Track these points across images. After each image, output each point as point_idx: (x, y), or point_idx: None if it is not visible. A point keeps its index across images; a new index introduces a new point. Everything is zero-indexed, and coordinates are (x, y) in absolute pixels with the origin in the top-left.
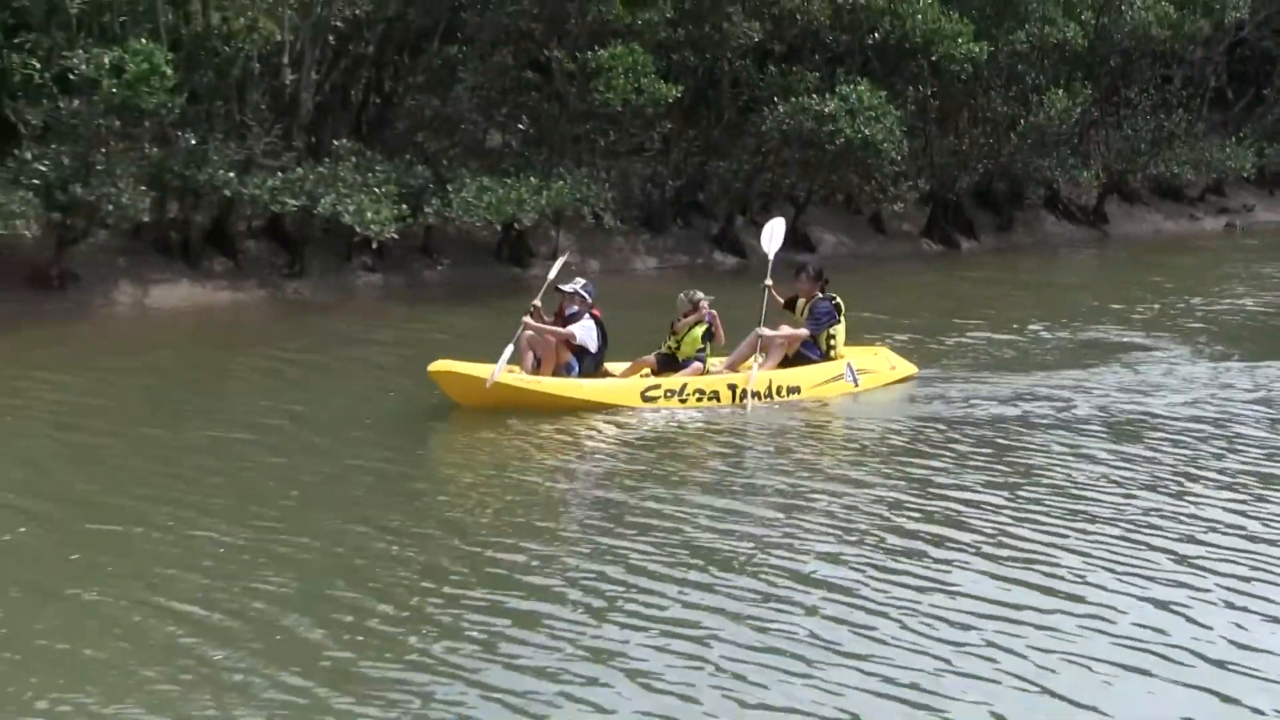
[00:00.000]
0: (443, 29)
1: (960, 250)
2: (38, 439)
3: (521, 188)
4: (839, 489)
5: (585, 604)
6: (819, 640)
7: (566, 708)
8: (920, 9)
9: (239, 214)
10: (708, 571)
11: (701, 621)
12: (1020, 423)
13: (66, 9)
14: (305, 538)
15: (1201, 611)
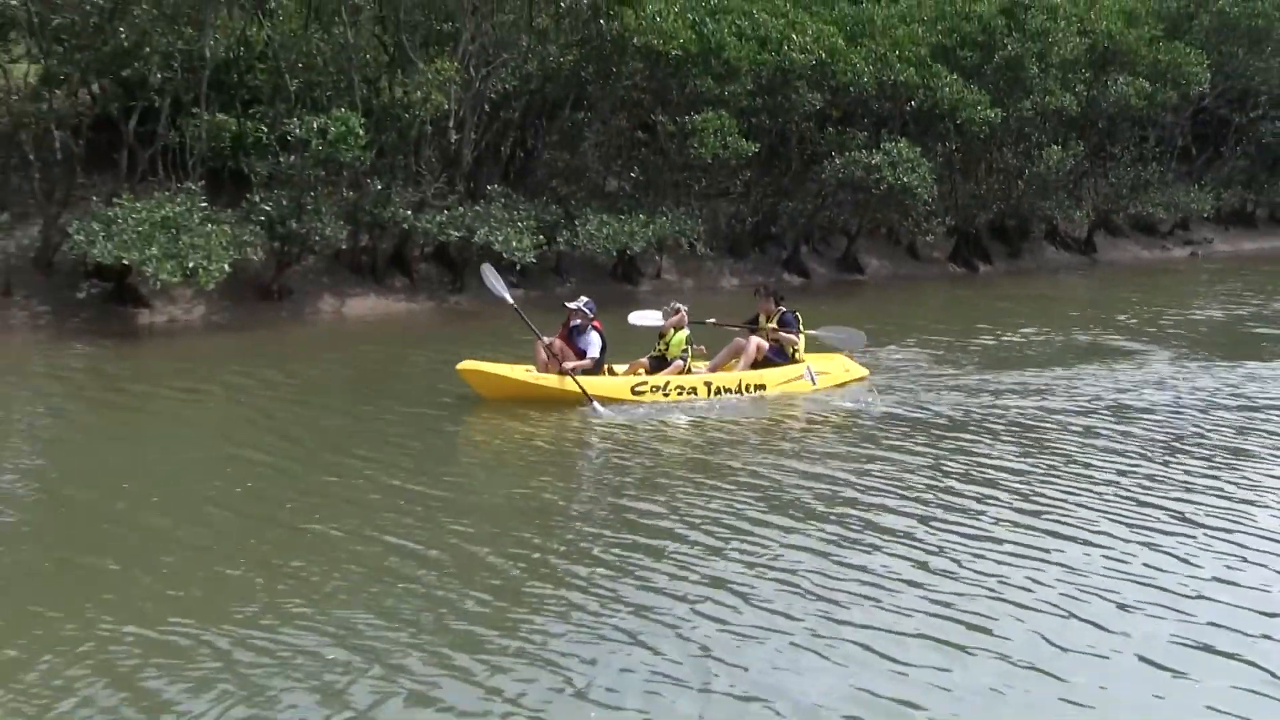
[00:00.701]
0: (572, 99)
1: (979, 272)
2: (278, 410)
3: (632, 223)
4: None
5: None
6: (887, 573)
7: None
8: (947, 83)
9: (414, 242)
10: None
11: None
12: (1039, 410)
13: (287, 88)
14: (488, 491)
15: (1191, 553)
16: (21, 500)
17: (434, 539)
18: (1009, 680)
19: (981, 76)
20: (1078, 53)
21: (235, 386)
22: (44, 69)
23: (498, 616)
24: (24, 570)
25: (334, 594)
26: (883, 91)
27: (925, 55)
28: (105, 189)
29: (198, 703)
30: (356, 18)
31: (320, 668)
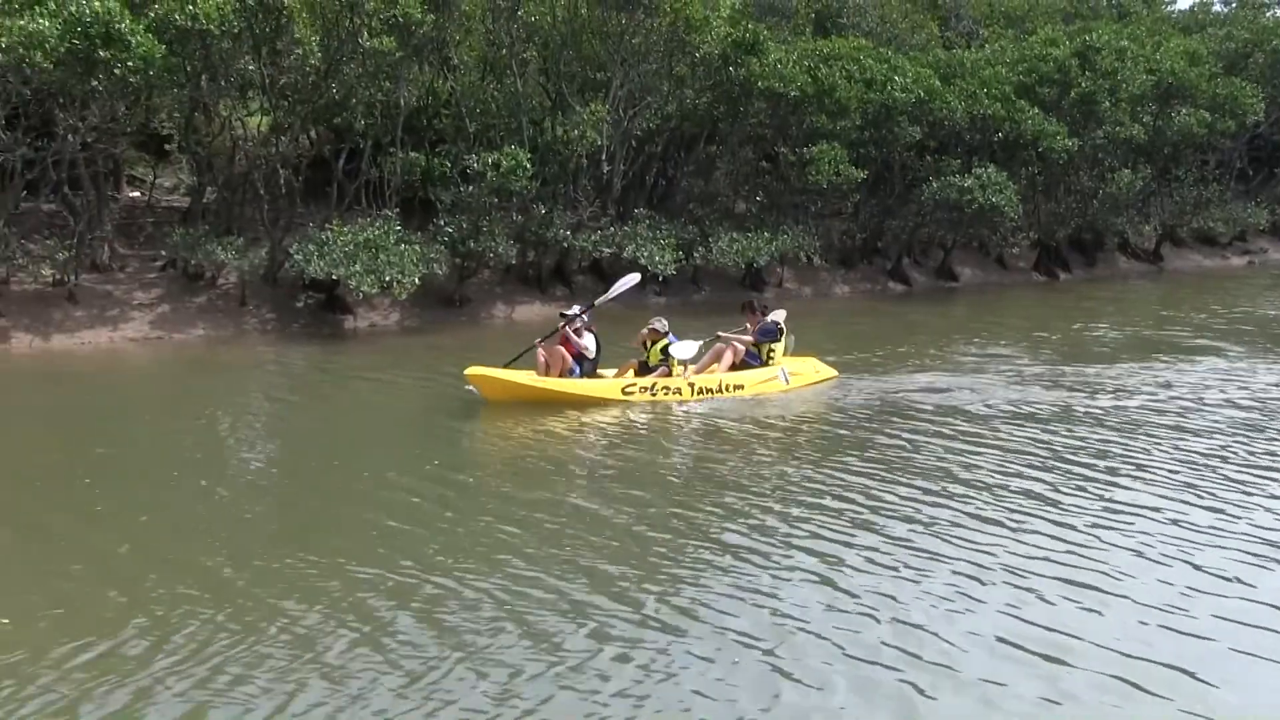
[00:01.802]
0: (706, 134)
1: (1059, 280)
2: (458, 393)
3: (758, 239)
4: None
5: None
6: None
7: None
8: (1029, 116)
9: (573, 258)
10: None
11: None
12: (1137, 396)
13: (467, 129)
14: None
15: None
16: (282, 460)
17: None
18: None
19: (1059, 110)
20: (1145, 89)
21: (424, 377)
22: (273, 119)
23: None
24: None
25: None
26: (973, 124)
27: (1010, 92)
28: (319, 217)
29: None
30: (525, 70)
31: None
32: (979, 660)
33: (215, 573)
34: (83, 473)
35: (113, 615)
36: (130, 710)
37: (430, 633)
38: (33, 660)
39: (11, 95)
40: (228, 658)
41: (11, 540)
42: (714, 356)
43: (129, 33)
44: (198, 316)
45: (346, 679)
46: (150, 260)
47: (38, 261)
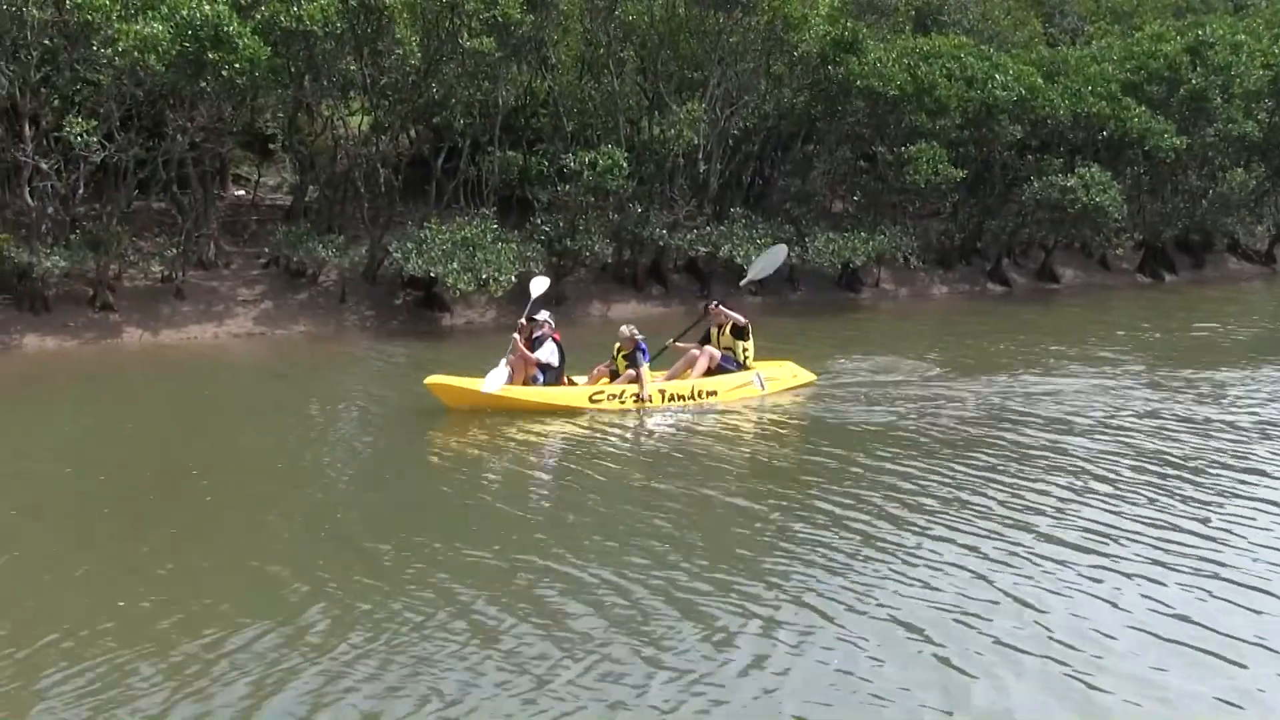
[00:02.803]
0: (803, 133)
1: (1165, 282)
2: None
3: (855, 239)
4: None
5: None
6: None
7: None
8: (1136, 114)
9: (668, 257)
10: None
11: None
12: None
13: (565, 128)
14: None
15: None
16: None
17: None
18: None
19: (1167, 108)
20: (1261, 84)
21: None
22: (374, 119)
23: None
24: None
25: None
26: (1077, 122)
27: (1115, 90)
28: (418, 215)
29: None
30: (622, 69)
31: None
32: (1145, 656)
33: (348, 561)
34: (191, 464)
35: (276, 601)
36: (322, 692)
37: (600, 623)
38: (217, 644)
39: (126, 97)
40: (405, 643)
41: (129, 530)
42: (687, 362)
43: (236, 35)
44: (299, 313)
45: (524, 667)
46: (254, 257)
47: (148, 258)
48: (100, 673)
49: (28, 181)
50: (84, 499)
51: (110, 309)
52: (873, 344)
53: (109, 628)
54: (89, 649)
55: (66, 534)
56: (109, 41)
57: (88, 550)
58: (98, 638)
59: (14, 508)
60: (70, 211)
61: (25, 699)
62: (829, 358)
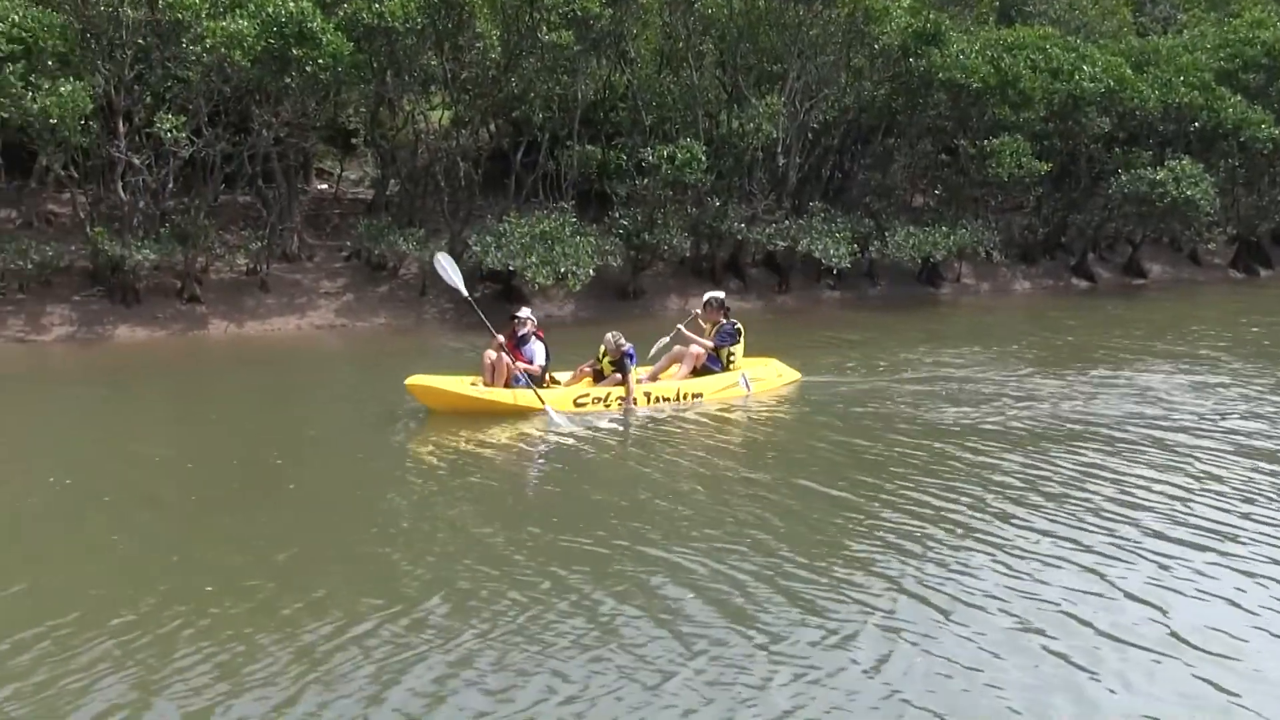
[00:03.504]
0: (884, 127)
1: (1259, 277)
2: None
3: (935, 233)
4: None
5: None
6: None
7: None
8: (1230, 104)
9: (746, 251)
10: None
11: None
12: None
13: (643, 122)
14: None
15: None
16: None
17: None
18: None
19: (1265, 97)
20: None
21: None
22: (454, 113)
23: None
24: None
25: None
26: (1167, 114)
27: (1209, 79)
28: (497, 209)
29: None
30: (701, 63)
31: None
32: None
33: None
34: (276, 454)
35: (395, 588)
36: (446, 678)
37: (716, 617)
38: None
39: (214, 93)
40: (524, 631)
41: (240, 516)
42: (672, 359)
43: (320, 31)
44: (380, 305)
45: (644, 659)
46: (336, 250)
47: (233, 251)
48: (232, 654)
49: (121, 176)
50: (189, 485)
51: (197, 301)
52: (957, 339)
53: (238, 612)
54: (220, 630)
55: (182, 518)
56: (198, 39)
57: (205, 534)
58: (228, 620)
59: (127, 493)
60: (160, 205)
61: (164, 675)
62: (907, 351)
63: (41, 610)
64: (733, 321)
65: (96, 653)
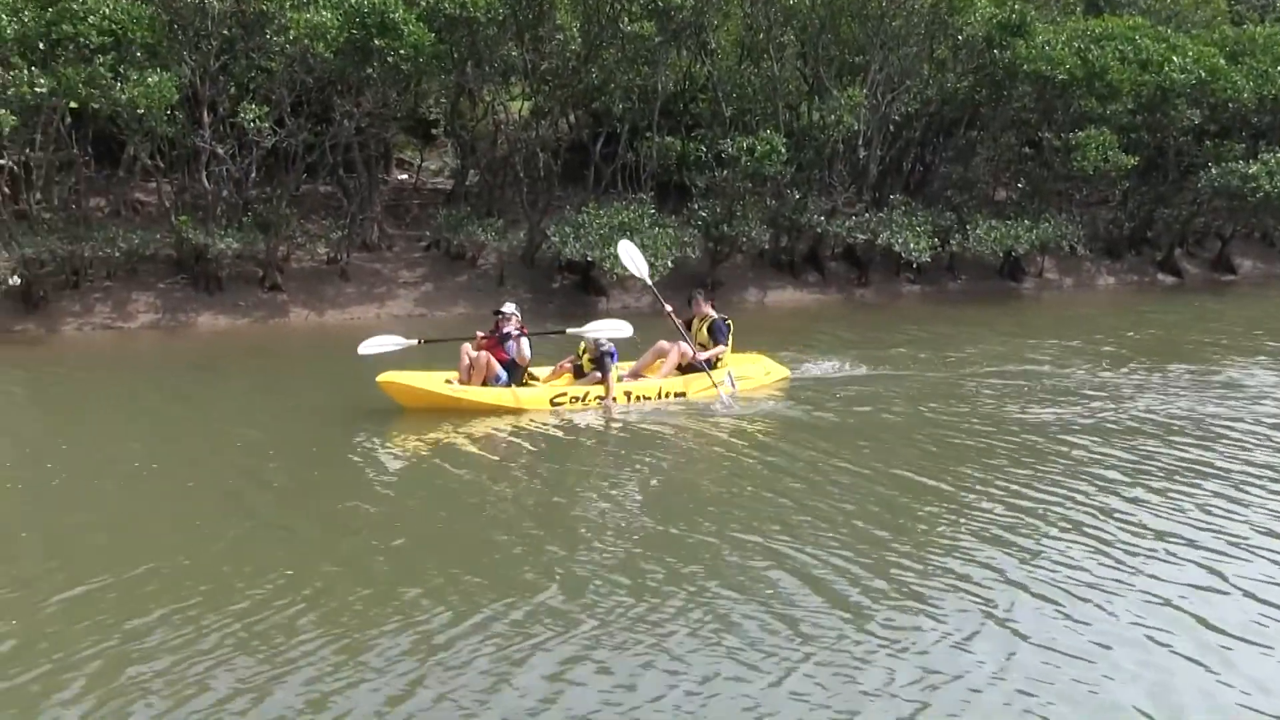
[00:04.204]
0: (966, 119)
1: None
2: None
3: (1018, 227)
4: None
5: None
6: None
7: None
8: None
9: (826, 244)
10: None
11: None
12: None
13: (723, 114)
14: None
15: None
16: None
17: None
18: None
19: None
20: None
21: None
22: (534, 104)
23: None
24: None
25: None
26: (1262, 105)
27: None
28: (575, 200)
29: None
30: (782, 54)
31: None
32: None
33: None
34: (365, 437)
35: (510, 578)
36: (565, 669)
37: (835, 615)
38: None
39: (296, 84)
40: (641, 624)
41: (338, 500)
42: (656, 354)
43: (402, 22)
44: (458, 295)
45: (764, 654)
46: (415, 240)
47: (314, 240)
48: (355, 639)
49: (205, 166)
50: (285, 469)
51: (278, 289)
52: (1042, 333)
53: (361, 595)
54: (342, 614)
55: (287, 502)
56: (282, 30)
57: (312, 518)
58: (350, 603)
59: (228, 476)
60: (243, 195)
61: (292, 657)
62: (991, 345)
63: (167, 591)
64: (723, 317)
65: (222, 634)
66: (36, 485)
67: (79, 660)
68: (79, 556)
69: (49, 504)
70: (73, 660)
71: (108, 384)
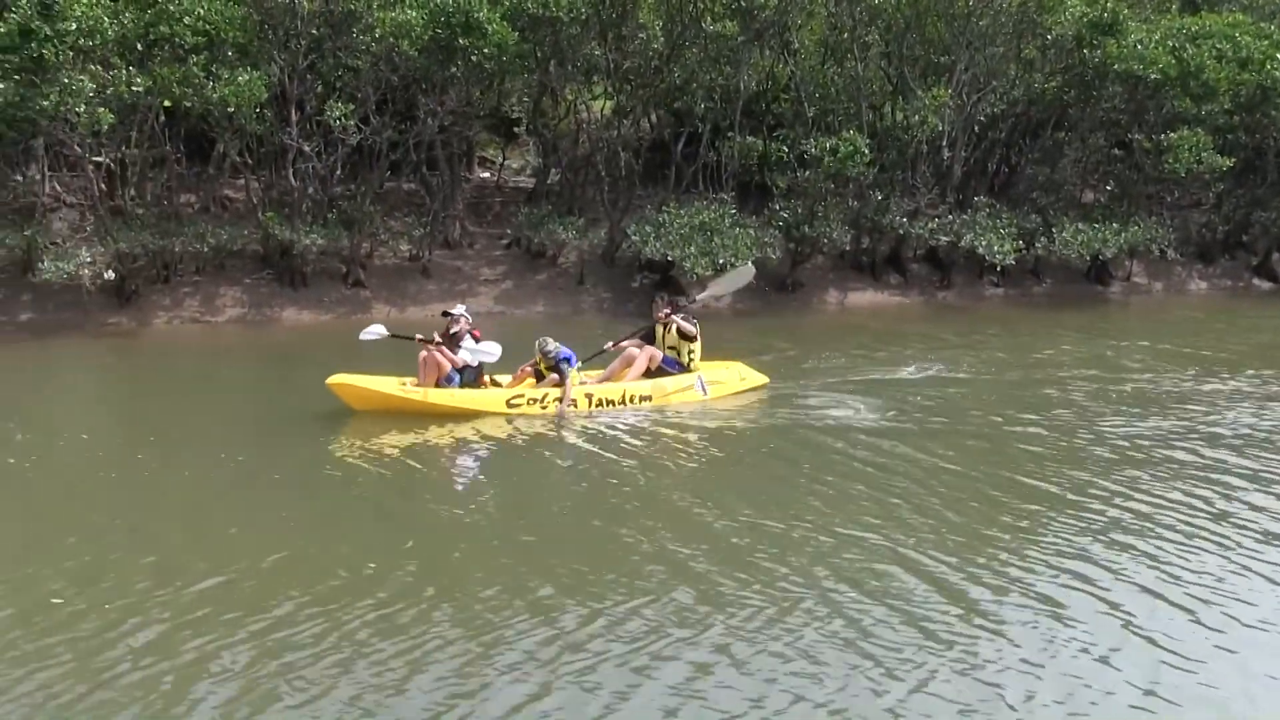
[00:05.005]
0: (1054, 120)
1: None
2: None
3: (1106, 230)
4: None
5: None
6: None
7: None
8: None
9: (908, 245)
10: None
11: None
12: None
13: (806, 114)
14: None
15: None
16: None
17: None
18: None
19: None
20: None
21: (760, 352)
22: (616, 103)
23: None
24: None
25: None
26: None
27: None
28: (656, 199)
29: None
30: (866, 53)
31: None
32: None
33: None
34: (464, 443)
35: (642, 577)
36: (698, 673)
37: (959, 619)
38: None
39: (381, 82)
40: (771, 627)
41: (440, 494)
42: (624, 361)
43: (486, 21)
44: (538, 293)
45: (892, 655)
46: (496, 238)
47: (397, 237)
48: (486, 640)
49: (292, 163)
50: (389, 463)
51: (361, 285)
52: (1131, 335)
53: (488, 594)
54: (473, 618)
55: (394, 493)
56: (368, 29)
57: (427, 510)
58: (475, 600)
59: (333, 466)
60: (328, 192)
61: (428, 650)
62: (1080, 348)
63: (300, 582)
64: (686, 316)
65: (362, 622)
66: (162, 476)
67: (224, 648)
68: (214, 548)
69: (172, 496)
70: (217, 648)
71: (206, 376)
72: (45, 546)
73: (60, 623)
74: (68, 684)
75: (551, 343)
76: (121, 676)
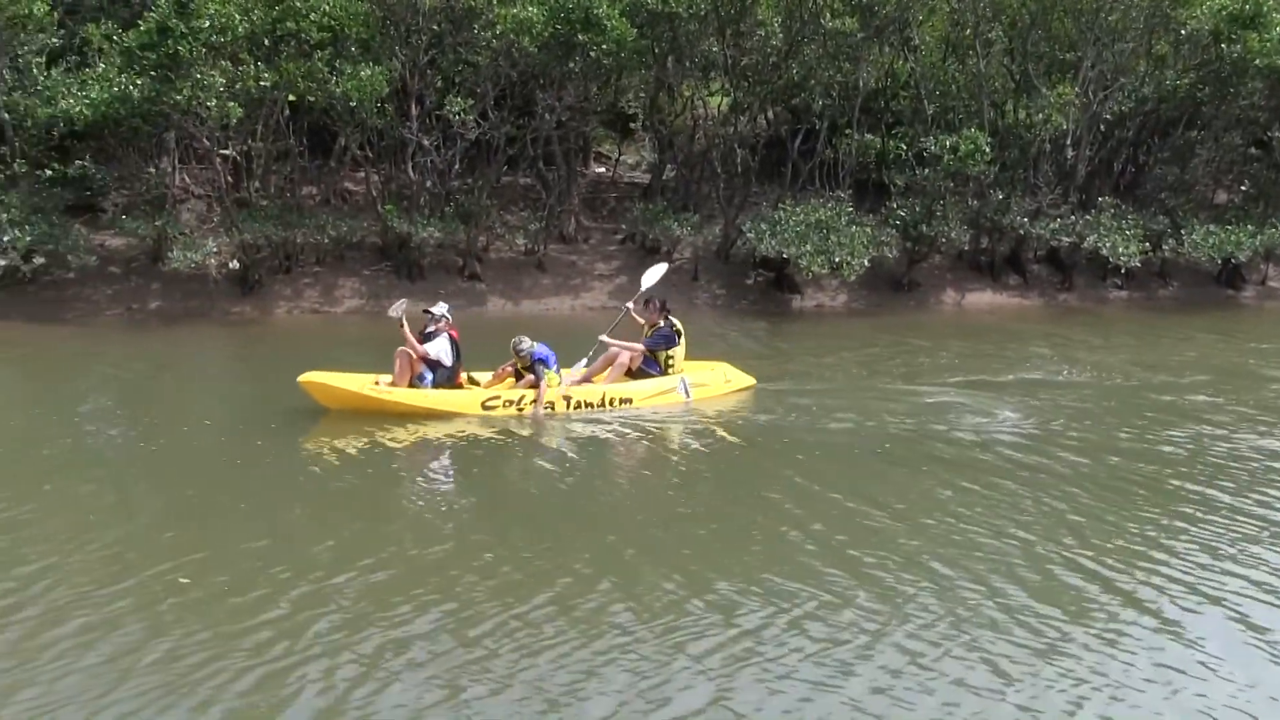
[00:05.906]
0: (1186, 118)
1: None
2: (888, 368)
3: (1240, 232)
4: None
5: None
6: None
7: None
8: None
9: (1029, 246)
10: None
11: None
12: None
13: (925, 111)
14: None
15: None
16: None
17: None
18: None
19: None
20: None
21: (869, 358)
22: (733, 100)
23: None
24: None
25: None
26: None
27: None
28: (772, 196)
29: None
30: (989, 50)
31: None
32: None
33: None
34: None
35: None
36: (835, 673)
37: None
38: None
39: (500, 77)
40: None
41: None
42: (605, 363)
43: (605, 17)
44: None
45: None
46: (611, 233)
47: (513, 231)
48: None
49: (411, 157)
50: (503, 454)
51: (477, 278)
52: (1271, 340)
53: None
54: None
55: (508, 485)
56: (489, 25)
57: (536, 501)
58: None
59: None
60: (446, 185)
61: (536, 646)
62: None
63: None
64: (671, 323)
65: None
66: (283, 461)
67: (359, 640)
68: (343, 541)
69: (292, 480)
70: (351, 640)
71: (328, 365)
72: (171, 526)
73: (188, 605)
74: (201, 661)
75: (526, 341)
76: (251, 659)
